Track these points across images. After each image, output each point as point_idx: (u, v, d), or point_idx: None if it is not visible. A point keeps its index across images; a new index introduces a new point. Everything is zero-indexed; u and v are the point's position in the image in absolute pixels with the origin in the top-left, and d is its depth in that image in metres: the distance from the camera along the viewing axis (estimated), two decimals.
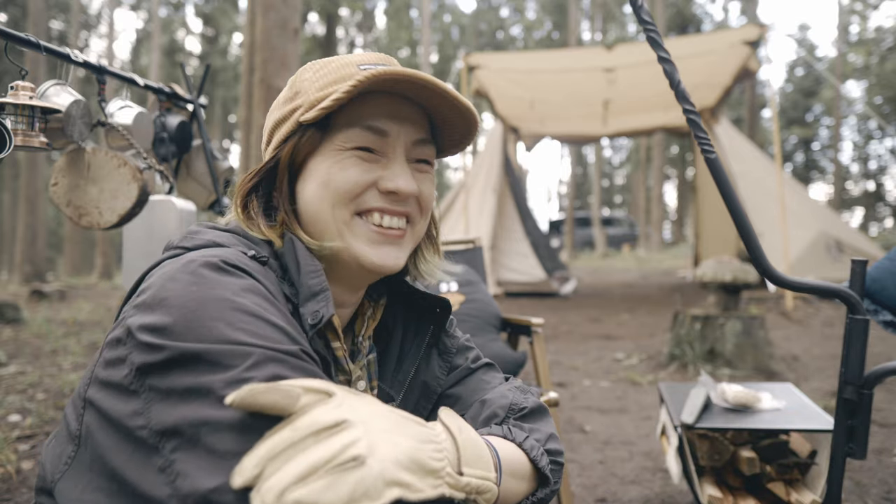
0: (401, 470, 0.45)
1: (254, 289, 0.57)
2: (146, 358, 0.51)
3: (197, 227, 0.70)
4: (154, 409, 0.49)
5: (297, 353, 0.54)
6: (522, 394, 0.78)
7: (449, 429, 0.57)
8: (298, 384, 0.46)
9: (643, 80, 7.41)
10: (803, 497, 1.55)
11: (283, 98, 0.74)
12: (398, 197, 0.69)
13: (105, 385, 0.54)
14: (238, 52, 26.50)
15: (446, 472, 0.50)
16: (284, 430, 0.43)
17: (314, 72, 0.72)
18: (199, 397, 0.48)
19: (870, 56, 23.97)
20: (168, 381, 0.50)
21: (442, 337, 0.83)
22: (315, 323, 0.63)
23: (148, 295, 0.55)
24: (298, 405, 0.45)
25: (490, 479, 0.57)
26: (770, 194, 6.83)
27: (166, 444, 0.48)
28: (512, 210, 8.66)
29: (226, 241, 0.65)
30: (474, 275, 2.27)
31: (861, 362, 0.90)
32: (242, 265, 0.59)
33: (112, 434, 0.52)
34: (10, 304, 5.71)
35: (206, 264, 0.57)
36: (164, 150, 1.85)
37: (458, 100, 0.68)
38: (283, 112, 0.72)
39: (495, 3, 31.83)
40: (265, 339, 0.52)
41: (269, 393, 0.44)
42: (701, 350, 3.92)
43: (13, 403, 2.98)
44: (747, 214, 1.02)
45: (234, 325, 0.52)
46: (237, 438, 0.46)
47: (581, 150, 33.34)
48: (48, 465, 0.58)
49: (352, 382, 0.76)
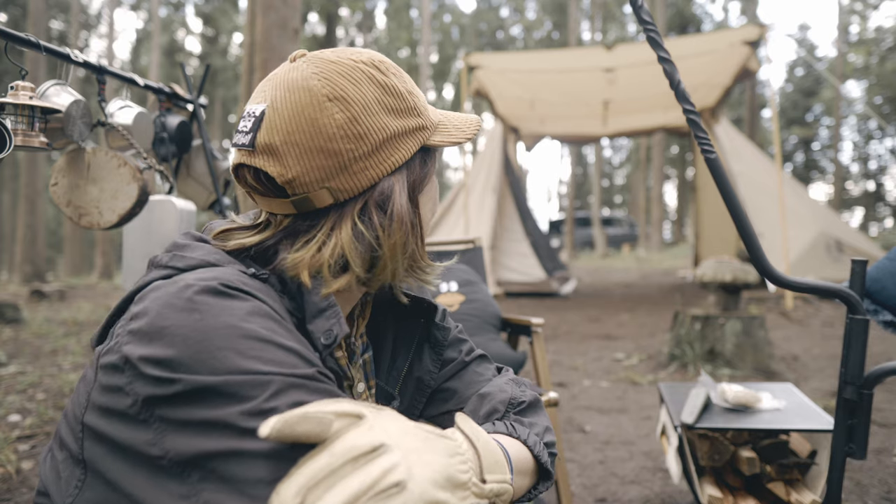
0: (437, 489, 0.45)
1: (259, 311, 0.55)
2: (154, 391, 0.49)
3: (184, 239, 0.65)
4: (168, 440, 0.48)
5: (315, 375, 0.54)
6: (518, 387, 0.79)
7: (468, 437, 0.57)
8: (330, 410, 0.46)
9: (643, 80, 7.41)
10: (803, 497, 1.56)
11: (391, 106, 0.65)
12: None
13: (107, 412, 0.52)
14: (238, 52, 26.51)
15: (472, 482, 0.51)
16: (322, 456, 0.43)
17: (410, 86, 0.69)
18: (220, 429, 0.48)
19: (870, 56, 23.96)
20: (182, 414, 0.49)
21: (433, 330, 0.82)
22: (329, 343, 0.62)
23: (144, 322, 0.52)
24: (331, 431, 0.44)
25: (507, 482, 0.58)
26: (770, 194, 6.83)
27: (191, 473, 0.47)
28: (512, 210, 8.65)
29: (219, 260, 0.62)
30: (474, 275, 2.27)
31: (861, 362, 0.90)
32: (243, 286, 0.56)
33: (125, 461, 0.51)
34: (10, 304, 5.71)
35: (206, 289, 0.54)
36: (164, 150, 1.85)
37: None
38: (402, 125, 0.65)
39: (495, 3, 31.83)
40: (280, 364, 0.51)
41: (303, 422, 0.44)
42: (701, 350, 3.92)
43: (13, 403, 2.98)
44: (747, 214, 1.02)
45: (245, 353, 0.50)
46: (268, 467, 0.46)
47: (581, 150, 33.33)
48: (52, 486, 0.56)
49: (353, 387, 0.75)
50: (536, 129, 10.04)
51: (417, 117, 0.67)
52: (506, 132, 8.97)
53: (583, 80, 7.84)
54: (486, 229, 7.71)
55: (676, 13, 25.79)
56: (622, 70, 7.25)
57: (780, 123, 28.22)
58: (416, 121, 0.66)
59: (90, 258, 19.55)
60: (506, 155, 8.73)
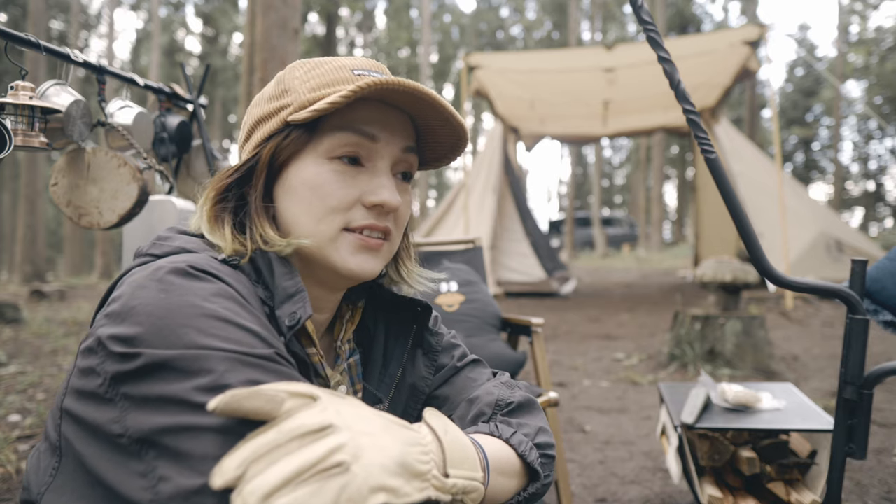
0: (387, 475, 0.45)
1: (224, 293, 0.56)
2: (119, 367, 0.50)
3: (167, 232, 0.68)
4: (130, 417, 0.49)
5: (272, 356, 0.54)
6: (509, 389, 0.77)
7: (434, 430, 0.57)
8: (282, 388, 0.46)
9: (643, 80, 7.41)
10: (803, 497, 1.56)
11: (269, 94, 0.71)
12: (382, 210, 0.68)
13: (80, 394, 0.53)
14: (238, 52, 26.51)
15: (432, 474, 0.50)
16: (269, 432, 0.43)
17: (305, 71, 0.70)
18: (174, 404, 0.48)
19: (870, 56, 23.96)
20: (142, 389, 0.49)
21: (426, 336, 0.81)
22: (292, 325, 0.62)
23: (118, 305, 0.54)
24: (283, 409, 0.45)
25: (477, 479, 0.57)
26: (770, 194, 6.83)
27: (147, 450, 0.48)
28: (512, 210, 8.65)
29: (195, 247, 0.64)
30: (474, 275, 2.27)
31: (861, 362, 0.90)
32: (212, 269, 0.58)
33: (92, 442, 0.51)
34: (10, 304, 5.71)
35: (174, 270, 0.56)
36: (164, 150, 1.85)
37: (453, 116, 0.68)
38: (268, 109, 0.70)
39: (495, 3, 31.84)
40: (237, 343, 0.52)
41: (252, 398, 0.44)
42: (701, 350, 3.92)
43: (13, 403, 2.98)
44: (747, 214, 1.02)
45: (205, 331, 0.51)
46: (217, 442, 0.46)
47: (581, 150, 33.34)
48: (33, 477, 0.57)
49: (330, 387, 0.74)
50: (536, 129, 10.04)
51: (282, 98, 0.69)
52: (506, 132, 8.97)
53: (583, 80, 7.84)
54: (486, 229, 7.71)
55: (676, 13, 25.80)
56: (622, 70, 7.25)
57: (780, 123, 28.22)
58: (279, 102, 0.69)
59: (90, 258, 19.55)
60: (506, 155, 8.73)
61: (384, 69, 0.74)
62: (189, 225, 0.71)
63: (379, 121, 0.68)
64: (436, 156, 0.78)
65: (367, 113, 0.68)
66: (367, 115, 0.68)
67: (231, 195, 0.70)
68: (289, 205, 0.68)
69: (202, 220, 0.68)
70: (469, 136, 0.73)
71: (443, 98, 0.67)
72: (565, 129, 10.37)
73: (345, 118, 0.67)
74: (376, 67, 0.72)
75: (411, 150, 0.72)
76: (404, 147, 0.71)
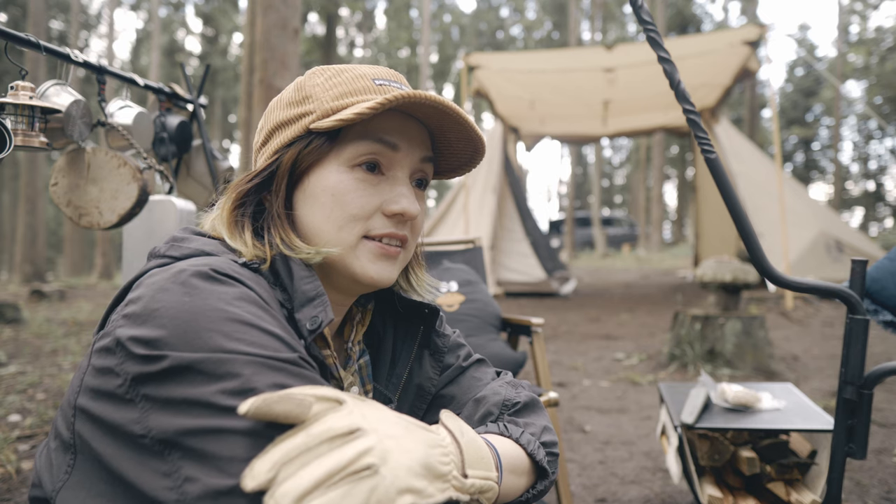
0: (412, 476, 0.46)
1: (246, 297, 0.56)
2: (141, 369, 0.51)
3: (182, 233, 0.68)
4: (152, 419, 0.49)
5: (296, 360, 0.54)
6: (514, 389, 0.79)
7: (451, 432, 0.58)
8: (310, 392, 0.47)
9: (643, 80, 7.41)
10: (803, 497, 1.56)
11: (289, 100, 0.71)
12: (402, 218, 0.70)
13: (97, 393, 0.53)
14: (238, 52, 26.50)
15: (453, 475, 0.51)
16: (298, 435, 0.44)
17: (326, 79, 0.70)
18: (201, 407, 0.49)
19: (870, 56, 23.97)
20: (165, 392, 0.50)
21: (432, 337, 0.83)
22: (314, 328, 0.63)
23: (138, 306, 0.54)
24: (311, 413, 0.46)
25: (492, 479, 0.58)
26: (770, 194, 6.83)
27: (171, 451, 0.48)
28: (512, 210, 8.66)
29: (214, 250, 0.64)
30: (474, 275, 2.27)
31: (861, 362, 0.90)
32: (233, 273, 0.58)
33: (111, 441, 0.51)
34: (10, 304, 5.71)
35: (197, 274, 0.56)
36: (164, 150, 1.85)
37: (474, 130, 0.70)
38: (288, 114, 0.70)
39: (495, 3, 31.86)
40: (262, 347, 0.52)
41: (282, 402, 0.45)
42: (701, 350, 3.92)
43: (13, 403, 2.98)
44: (747, 214, 1.02)
45: (230, 335, 0.52)
46: (246, 445, 0.47)
47: (581, 150, 33.35)
48: (45, 475, 0.57)
49: (343, 389, 0.75)
50: (536, 129, 10.04)
51: (304, 105, 0.70)
52: (506, 132, 8.97)
53: (583, 80, 7.84)
54: (486, 229, 7.71)
55: (676, 13, 25.81)
56: (622, 70, 7.25)
57: (780, 123, 28.23)
58: (301, 108, 0.70)
59: (90, 258, 19.56)
60: (506, 155, 8.73)
61: (401, 78, 0.75)
62: (201, 225, 0.72)
63: (400, 131, 0.69)
64: (450, 166, 0.79)
65: (388, 123, 0.69)
66: (388, 125, 0.69)
67: (249, 200, 0.70)
68: (309, 211, 0.69)
69: (222, 225, 0.68)
70: (485, 147, 0.74)
71: (466, 113, 0.68)
72: (565, 129, 10.37)
73: (367, 127, 0.68)
74: (394, 77, 0.73)
75: (429, 159, 0.74)
76: (423, 157, 0.72)
